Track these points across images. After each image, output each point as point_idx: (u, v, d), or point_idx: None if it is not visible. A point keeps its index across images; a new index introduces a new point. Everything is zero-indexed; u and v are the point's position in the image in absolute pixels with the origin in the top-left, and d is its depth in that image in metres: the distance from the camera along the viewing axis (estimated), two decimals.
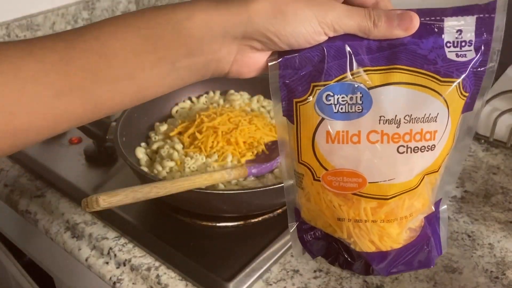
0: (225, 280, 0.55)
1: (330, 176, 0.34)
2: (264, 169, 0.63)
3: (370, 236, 0.35)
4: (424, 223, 0.36)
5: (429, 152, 0.33)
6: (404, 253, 0.35)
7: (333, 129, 0.33)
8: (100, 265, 0.61)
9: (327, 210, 0.36)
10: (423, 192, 0.35)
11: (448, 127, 0.33)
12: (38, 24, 1.18)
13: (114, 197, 0.46)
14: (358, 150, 0.33)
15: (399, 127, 0.32)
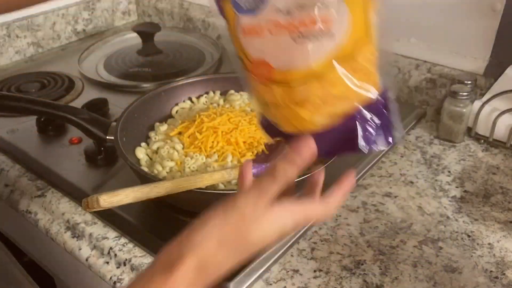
0: (225, 280, 0.55)
1: (252, 66, 0.39)
2: (264, 169, 0.63)
3: (288, 118, 0.39)
4: (355, 111, 0.37)
5: (325, 39, 0.35)
6: (327, 136, 0.38)
7: (244, 24, 0.37)
8: (100, 265, 0.61)
9: (258, 96, 0.41)
10: (340, 81, 0.36)
11: (345, 12, 0.35)
12: (39, 25, 1.18)
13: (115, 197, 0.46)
14: (263, 41, 0.37)
15: (292, 16, 0.35)
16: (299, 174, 0.40)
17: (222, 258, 0.37)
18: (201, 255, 0.37)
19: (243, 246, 0.38)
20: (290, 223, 0.38)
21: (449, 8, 0.85)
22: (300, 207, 0.39)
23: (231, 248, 0.37)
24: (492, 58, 0.84)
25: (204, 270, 0.36)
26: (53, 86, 0.99)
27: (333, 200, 0.42)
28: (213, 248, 0.37)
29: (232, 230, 0.38)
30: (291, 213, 0.39)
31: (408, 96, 0.93)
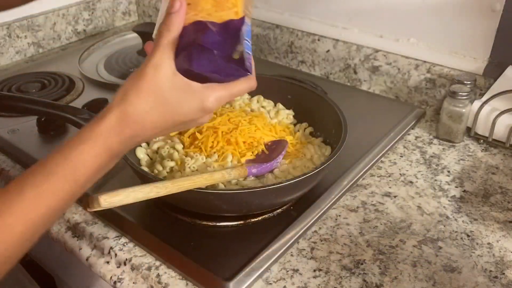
0: (225, 280, 0.55)
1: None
2: (264, 169, 0.63)
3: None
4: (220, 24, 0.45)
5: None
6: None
7: None
8: (100, 264, 0.62)
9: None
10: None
11: None
12: (39, 25, 1.18)
13: (115, 197, 0.46)
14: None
15: None
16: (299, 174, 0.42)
17: (141, 107, 0.45)
18: (122, 106, 0.45)
19: (159, 95, 0.45)
20: (212, 99, 0.47)
21: (448, 8, 0.85)
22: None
23: (147, 97, 0.45)
24: (492, 58, 0.84)
25: (125, 118, 0.45)
26: (54, 86, 0.99)
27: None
28: (132, 100, 0.45)
29: (146, 81, 0.45)
30: (210, 89, 0.47)
31: (408, 96, 0.93)
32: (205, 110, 0.47)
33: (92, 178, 0.45)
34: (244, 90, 0.50)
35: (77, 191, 0.45)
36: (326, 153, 0.70)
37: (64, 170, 0.43)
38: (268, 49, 1.11)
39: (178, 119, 0.47)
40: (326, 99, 0.73)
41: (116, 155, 0.46)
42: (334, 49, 1.00)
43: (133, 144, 0.47)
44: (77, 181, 0.44)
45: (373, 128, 0.82)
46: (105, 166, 0.46)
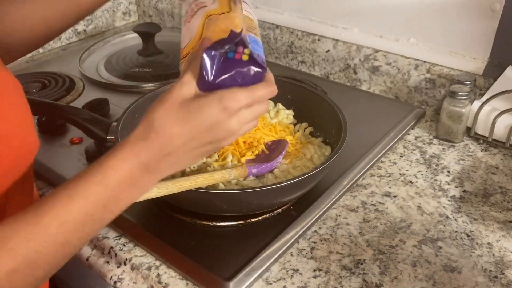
0: (225, 279, 0.55)
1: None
2: (264, 169, 0.63)
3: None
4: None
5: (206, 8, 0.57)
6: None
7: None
8: (101, 264, 0.62)
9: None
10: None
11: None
12: None
13: None
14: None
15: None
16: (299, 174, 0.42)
17: (165, 115, 0.46)
18: (148, 116, 0.46)
19: (182, 104, 0.46)
20: (231, 98, 0.46)
21: (448, 9, 0.85)
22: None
23: (171, 107, 0.46)
24: (491, 58, 0.84)
25: (150, 125, 0.46)
26: (54, 86, 0.99)
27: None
28: (157, 109, 0.46)
29: (171, 94, 0.47)
30: (229, 91, 0.47)
31: (408, 96, 0.93)
32: (226, 109, 0.46)
33: (125, 188, 0.45)
34: (265, 93, 0.49)
35: (109, 199, 0.44)
36: (326, 153, 0.70)
37: (94, 173, 0.44)
38: (268, 49, 1.11)
39: (202, 125, 0.46)
40: (326, 99, 0.74)
41: (147, 166, 0.46)
42: (334, 49, 1.00)
43: (165, 160, 0.46)
44: (107, 186, 0.44)
45: (373, 128, 0.82)
46: (139, 179, 0.46)
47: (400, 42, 0.94)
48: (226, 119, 0.46)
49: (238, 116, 0.47)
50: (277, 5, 1.09)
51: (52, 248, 0.42)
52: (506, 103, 0.77)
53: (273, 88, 0.50)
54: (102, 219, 0.45)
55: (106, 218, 0.46)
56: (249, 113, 0.48)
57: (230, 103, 0.46)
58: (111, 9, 1.34)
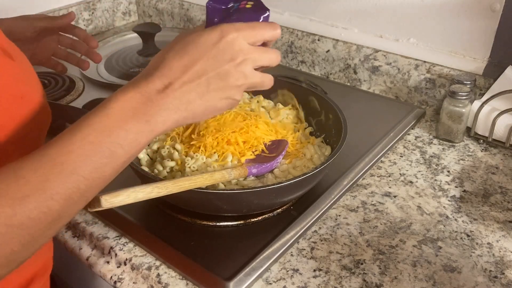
0: (225, 279, 0.55)
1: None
2: (264, 169, 0.63)
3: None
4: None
5: None
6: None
7: None
8: (101, 264, 0.62)
9: None
10: None
11: None
12: None
13: (116, 197, 0.46)
14: None
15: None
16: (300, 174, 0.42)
17: (165, 50, 0.46)
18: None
19: (183, 37, 0.46)
20: (229, 26, 0.46)
21: (448, 9, 0.85)
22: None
23: (173, 43, 0.46)
24: (491, 58, 0.84)
25: (150, 63, 0.46)
26: (54, 86, 0.99)
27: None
28: (161, 51, 0.47)
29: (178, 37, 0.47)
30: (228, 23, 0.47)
31: (408, 96, 0.93)
32: (221, 34, 0.45)
33: (128, 118, 0.43)
34: (267, 31, 0.48)
35: (114, 129, 0.42)
36: (326, 153, 0.70)
37: (97, 108, 0.43)
38: None
39: (200, 49, 0.45)
40: (326, 99, 0.74)
41: (149, 97, 0.43)
42: (334, 49, 1.00)
43: (167, 93, 0.44)
44: (109, 115, 0.42)
45: (373, 128, 0.82)
46: (143, 110, 0.43)
47: (400, 42, 0.94)
48: (225, 44, 0.45)
49: (240, 44, 0.46)
50: (277, 5, 1.09)
51: (61, 177, 0.40)
52: (506, 103, 0.77)
53: (276, 27, 0.49)
54: (111, 152, 0.42)
55: (116, 151, 0.42)
56: (254, 50, 0.47)
57: (228, 29, 0.45)
58: (111, 9, 1.34)
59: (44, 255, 0.57)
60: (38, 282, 0.55)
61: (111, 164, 0.43)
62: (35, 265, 0.55)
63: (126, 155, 0.44)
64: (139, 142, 0.44)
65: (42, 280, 0.57)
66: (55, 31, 0.79)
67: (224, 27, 0.45)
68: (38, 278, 0.55)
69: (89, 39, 0.80)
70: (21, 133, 0.46)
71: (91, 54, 0.81)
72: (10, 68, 0.46)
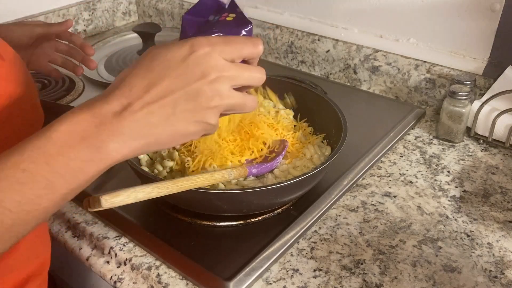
0: (225, 279, 0.55)
1: None
2: (264, 169, 0.63)
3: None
4: None
5: None
6: None
7: None
8: (101, 264, 0.62)
9: None
10: None
11: None
12: None
13: (116, 197, 0.46)
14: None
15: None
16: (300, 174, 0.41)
17: (128, 69, 0.42)
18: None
19: (150, 53, 0.42)
20: (201, 39, 0.41)
21: (448, 9, 0.85)
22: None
23: (139, 61, 0.42)
24: (491, 58, 0.84)
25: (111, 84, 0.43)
26: (54, 86, 1.00)
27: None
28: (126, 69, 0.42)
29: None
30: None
31: (408, 96, 0.93)
32: (193, 45, 0.40)
33: (74, 143, 0.37)
34: (246, 47, 0.42)
35: (54, 155, 0.37)
36: (326, 153, 0.70)
37: (42, 129, 0.38)
38: (268, 49, 1.11)
39: (165, 66, 0.40)
40: (326, 99, 0.74)
41: (102, 121, 0.38)
42: (334, 49, 1.00)
43: (125, 115, 0.39)
44: (49, 139, 0.37)
45: (373, 128, 0.82)
46: (93, 135, 0.38)
47: (400, 42, 0.94)
48: (195, 59, 0.39)
49: (214, 60, 0.40)
50: (277, 5, 1.09)
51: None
52: (506, 103, 0.77)
53: (258, 42, 0.42)
54: (49, 182, 0.37)
55: (55, 182, 0.37)
56: (231, 67, 0.41)
57: (201, 40, 0.40)
58: (111, 9, 1.34)
59: (40, 255, 0.57)
60: (34, 281, 0.55)
61: (48, 196, 0.37)
62: (30, 265, 0.55)
63: (68, 186, 0.38)
64: (86, 172, 0.38)
65: (39, 279, 0.56)
66: (51, 38, 0.80)
67: (196, 41, 0.40)
68: (34, 277, 0.55)
69: (85, 46, 0.80)
70: (8, 132, 0.44)
71: (87, 61, 0.81)
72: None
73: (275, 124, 0.71)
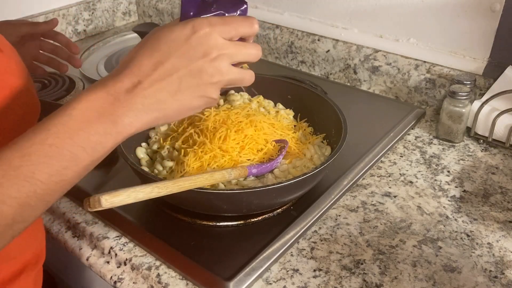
0: (225, 279, 0.55)
1: None
2: (264, 169, 0.63)
3: None
4: None
5: None
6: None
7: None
8: (101, 264, 0.62)
9: None
10: None
11: None
12: None
13: (117, 197, 0.46)
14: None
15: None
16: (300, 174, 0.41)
17: (135, 48, 0.45)
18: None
19: (154, 34, 0.44)
20: (202, 19, 0.44)
21: (448, 9, 0.85)
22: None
23: (144, 40, 0.45)
24: (491, 58, 0.84)
25: (120, 63, 0.45)
26: (54, 86, 1.00)
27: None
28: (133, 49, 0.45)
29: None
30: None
31: (408, 96, 0.93)
32: (194, 28, 0.43)
33: (93, 120, 0.41)
34: (243, 25, 0.46)
35: (76, 131, 0.41)
36: (326, 153, 0.70)
37: (62, 108, 0.41)
38: (268, 49, 1.11)
39: (171, 46, 0.43)
40: (326, 99, 0.74)
41: (116, 97, 0.42)
42: (334, 49, 1.00)
43: (136, 92, 0.42)
44: (71, 116, 0.41)
45: (373, 128, 0.82)
46: (109, 111, 0.42)
47: (400, 42, 0.94)
48: (197, 38, 0.43)
49: (214, 39, 0.44)
50: (277, 5, 1.09)
51: (16, 181, 0.39)
52: (506, 103, 0.77)
53: (254, 22, 0.46)
54: (72, 155, 0.41)
55: (78, 154, 0.41)
56: (230, 45, 0.45)
57: (201, 23, 0.43)
58: (111, 9, 1.34)
59: (33, 246, 0.57)
60: (29, 272, 0.55)
61: (73, 168, 0.41)
62: (25, 255, 0.55)
63: (89, 158, 0.42)
64: (104, 145, 0.43)
65: (34, 270, 0.57)
66: (37, 37, 0.80)
67: (197, 22, 0.44)
68: (29, 268, 0.55)
69: (70, 45, 0.81)
70: (9, 123, 0.46)
71: (72, 60, 0.82)
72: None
73: (275, 124, 0.71)
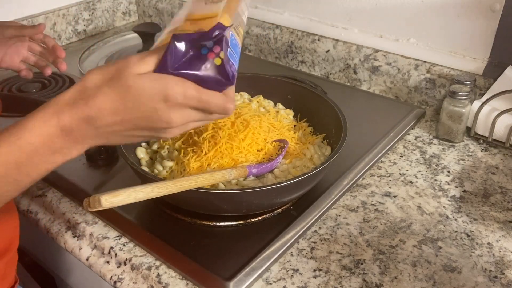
0: (225, 279, 0.55)
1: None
2: (264, 169, 0.63)
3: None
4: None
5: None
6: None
7: None
8: (101, 264, 0.62)
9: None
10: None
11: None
12: None
13: (117, 197, 0.46)
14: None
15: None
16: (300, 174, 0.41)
17: (100, 84, 0.43)
18: (83, 81, 0.44)
19: (124, 77, 0.42)
20: (178, 90, 0.42)
21: (448, 9, 0.85)
22: (195, 86, 0.44)
23: (111, 78, 0.43)
24: (491, 58, 0.84)
25: (82, 92, 0.43)
26: (54, 86, 1.00)
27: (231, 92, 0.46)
28: (94, 77, 0.43)
29: (118, 66, 0.43)
30: (180, 81, 0.43)
31: (408, 96, 0.93)
32: (166, 98, 0.42)
33: (42, 153, 0.43)
34: (217, 105, 0.44)
35: (24, 162, 0.42)
36: (326, 153, 0.70)
37: (11, 132, 0.42)
38: (268, 49, 1.11)
39: (138, 110, 0.42)
40: (326, 99, 0.74)
41: (69, 133, 0.43)
42: (334, 49, 1.00)
43: (90, 133, 0.43)
44: (21, 148, 0.42)
45: (373, 128, 0.82)
46: (60, 145, 0.43)
47: (400, 42, 0.94)
48: (166, 110, 0.42)
49: (181, 111, 0.43)
50: (277, 5, 1.09)
51: None
52: (506, 103, 0.77)
53: (229, 105, 0.45)
54: (17, 181, 0.44)
55: (23, 180, 0.44)
56: (196, 114, 0.45)
57: (175, 95, 0.42)
58: (111, 9, 1.34)
59: (8, 232, 0.59)
60: (3, 257, 0.58)
61: (14, 189, 0.45)
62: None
63: (33, 181, 0.45)
64: (50, 170, 0.45)
65: (8, 255, 0.59)
66: (25, 39, 0.82)
67: (171, 92, 0.42)
68: (3, 254, 0.58)
69: (56, 49, 0.82)
70: None
71: (58, 63, 0.82)
72: None
73: (275, 124, 0.71)
